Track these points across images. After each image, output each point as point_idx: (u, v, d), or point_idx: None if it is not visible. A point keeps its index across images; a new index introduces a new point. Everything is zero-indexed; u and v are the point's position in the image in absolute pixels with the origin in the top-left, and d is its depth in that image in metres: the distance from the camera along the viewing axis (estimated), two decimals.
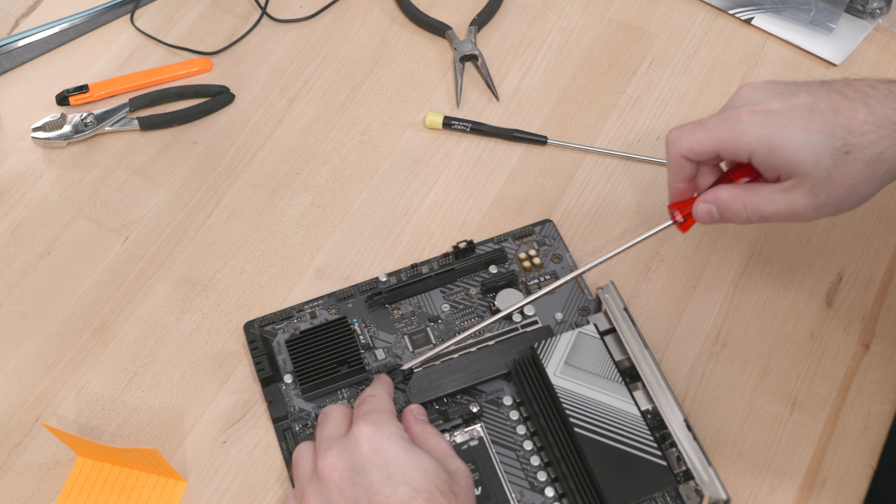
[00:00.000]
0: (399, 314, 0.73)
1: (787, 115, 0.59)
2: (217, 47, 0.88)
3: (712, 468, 0.61)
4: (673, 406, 0.64)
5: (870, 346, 0.71)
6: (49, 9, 0.91)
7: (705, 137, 0.62)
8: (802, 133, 0.59)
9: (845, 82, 0.61)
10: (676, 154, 0.64)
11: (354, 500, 0.58)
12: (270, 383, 0.71)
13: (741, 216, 0.63)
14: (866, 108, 0.59)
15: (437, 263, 0.75)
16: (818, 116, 0.59)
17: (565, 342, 0.67)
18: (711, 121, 0.63)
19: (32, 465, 0.69)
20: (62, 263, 0.77)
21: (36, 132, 0.83)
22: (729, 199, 0.63)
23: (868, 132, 0.58)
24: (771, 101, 0.61)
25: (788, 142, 0.59)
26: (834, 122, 0.59)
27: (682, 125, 0.64)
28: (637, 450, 0.63)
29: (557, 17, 0.89)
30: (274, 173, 0.81)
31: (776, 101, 0.60)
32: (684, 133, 0.63)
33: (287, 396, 0.70)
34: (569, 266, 0.75)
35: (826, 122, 0.59)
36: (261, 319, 0.73)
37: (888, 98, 0.59)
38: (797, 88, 0.61)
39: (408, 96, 0.85)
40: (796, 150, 0.59)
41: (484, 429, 0.68)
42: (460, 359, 0.70)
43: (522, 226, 0.77)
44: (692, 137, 0.63)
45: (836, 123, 0.59)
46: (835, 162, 0.58)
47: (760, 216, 0.62)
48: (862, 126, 0.58)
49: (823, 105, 0.59)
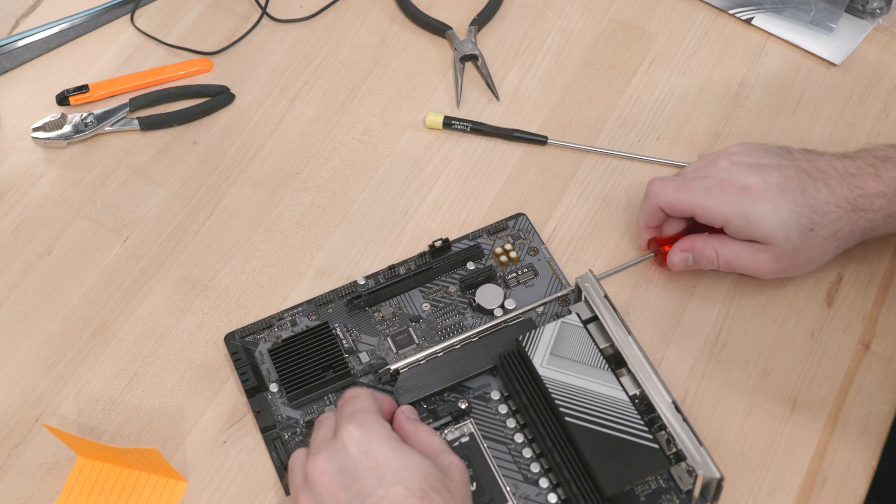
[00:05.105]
0: (380, 316, 0.73)
1: (762, 193, 0.68)
2: (217, 47, 0.88)
3: (704, 448, 0.62)
4: (660, 389, 0.64)
5: (870, 346, 0.71)
6: (49, 9, 0.91)
7: (687, 200, 0.70)
8: (775, 210, 0.67)
9: (808, 158, 0.70)
10: (655, 204, 0.71)
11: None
12: (256, 393, 0.70)
13: (713, 263, 0.71)
14: (828, 189, 0.68)
15: (414, 263, 0.75)
16: (788, 196, 0.68)
17: (549, 333, 0.67)
18: (694, 186, 0.70)
19: (32, 465, 0.69)
20: (62, 263, 0.78)
21: (36, 132, 0.83)
22: (703, 248, 0.71)
23: (829, 212, 0.68)
24: (748, 177, 0.69)
25: (763, 217, 0.68)
26: (802, 203, 0.68)
27: (665, 179, 0.71)
28: (628, 434, 0.63)
29: (557, 17, 0.89)
30: (274, 173, 0.81)
31: (753, 177, 0.69)
32: (668, 189, 0.70)
33: (274, 405, 0.70)
34: (545, 258, 0.75)
35: (795, 202, 0.68)
36: (241, 330, 0.73)
37: (843, 179, 0.68)
38: (769, 165, 0.69)
39: (408, 96, 0.85)
40: (768, 224, 0.68)
41: (474, 424, 0.68)
42: (445, 356, 0.70)
43: (495, 221, 0.77)
44: (675, 195, 0.70)
45: (804, 203, 0.68)
46: (800, 237, 0.68)
47: (728, 266, 0.71)
48: (824, 206, 0.68)
49: (793, 185, 0.68)
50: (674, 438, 0.63)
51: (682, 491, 0.65)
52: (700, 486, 0.62)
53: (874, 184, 0.68)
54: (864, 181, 0.68)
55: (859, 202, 0.68)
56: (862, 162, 0.70)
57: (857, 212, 0.68)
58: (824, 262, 0.71)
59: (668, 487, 0.65)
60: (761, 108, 0.83)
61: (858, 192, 0.68)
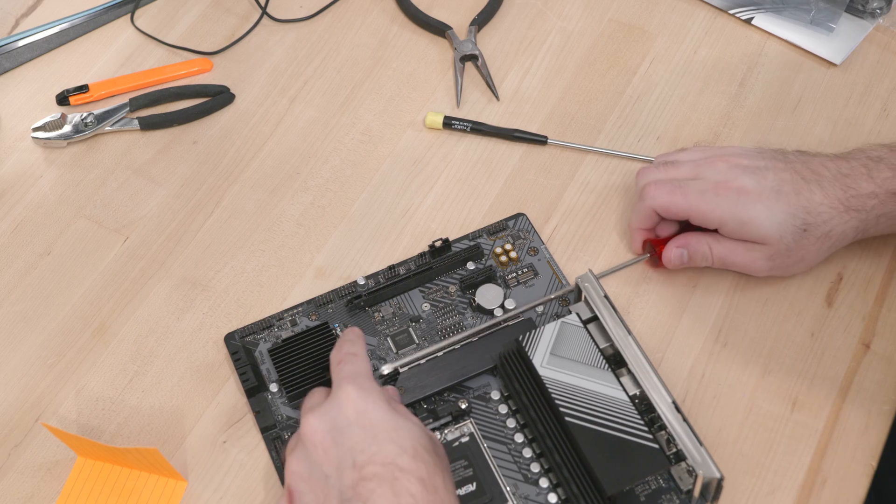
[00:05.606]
0: (380, 316, 0.73)
1: (757, 195, 0.69)
2: (217, 47, 0.88)
3: (704, 448, 0.62)
4: (660, 389, 0.64)
5: (870, 346, 0.71)
6: (49, 9, 0.91)
7: (682, 203, 0.70)
8: (769, 213, 0.68)
9: (802, 160, 0.71)
10: (650, 207, 0.72)
11: (338, 460, 0.58)
12: (256, 393, 0.70)
13: (707, 260, 0.72)
14: (821, 190, 0.69)
15: (414, 263, 0.75)
16: (783, 198, 0.68)
17: (549, 333, 0.67)
18: (690, 190, 0.70)
19: (33, 465, 0.69)
20: (62, 263, 0.78)
21: (36, 132, 0.83)
22: (697, 245, 0.72)
23: (822, 213, 0.69)
24: (743, 179, 0.69)
25: (757, 218, 0.68)
26: (796, 204, 0.68)
27: (659, 182, 0.71)
28: (628, 434, 0.63)
29: (557, 17, 0.89)
30: (274, 173, 0.81)
31: (748, 180, 0.69)
32: (663, 192, 0.71)
33: (274, 405, 0.70)
34: (545, 258, 0.75)
35: (790, 204, 0.68)
36: (241, 330, 0.73)
37: (837, 179, 0.69)
38: (764, 167, 0.70)
39: (408, 96, 0.85)
40: (763, 225, 0.69)
41: (474, 424, 0.68)
42: (445, 356, 0.70)
43: (495, 221, 0.77)
44: (670, 199, 0.71)
45: (798, 205, 0.68)
46: (794, 237, 0.69)
47: (722, 263, 0.72)
48: (818, 207, 0.69)
49: (787, 188, 0.69)
50: (674, 438, 0.63)
51: (682, 491, 0.65)
52: (700, 486, 0.62)
53: (867, 184, 0.69)
54: (857, 182, 0.69)
55: (852, 203, 0.69)
56: (855, 162, 0.70)
57: (849, 212, 0.69)
58: (817, 262, 0.72)
59: (668, 487, 0.65)
60: (761, 108, 0.83)
61: (851, 193, 0.69)
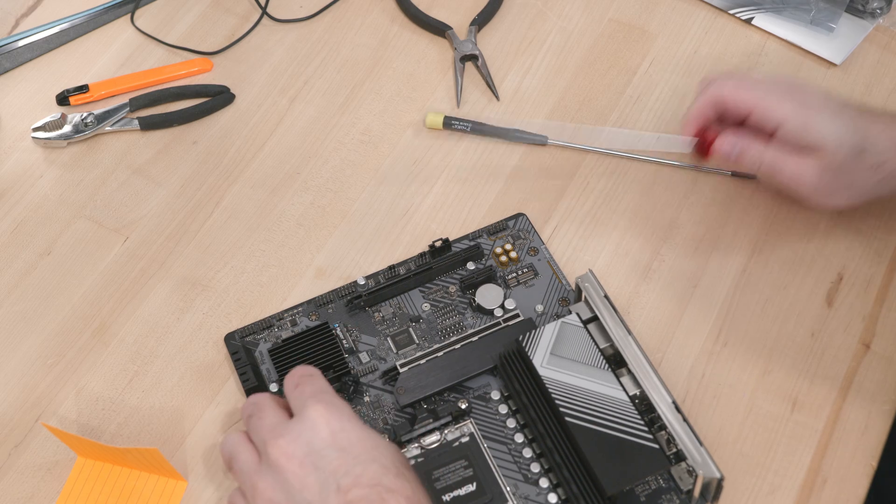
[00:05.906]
0: (380, 316, 0.73)
1: (824, 104, 0.69)
2: (217, 47, 0.88)
3: (704, 448, 0.62)
4: (660, 389, 0.64)
5: (870, 346, 0.71)
6: (49, 9, 0.91)
7: (749, 94, 0.69)
8: (833, 119, 0.68)
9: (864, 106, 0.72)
10: (716, 94, 0.70)
11: (319, 486, 0.56)
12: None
13: (755, 163, 0.70)
14: (882, 124, 0.69)
15: (414, 263, 0.75)
16: (846, 112, 0.69)
17: (549, 333, 0.67)
18: (758, 83, 0.70)
19: (32, 465, 0.69)
20: (62, 263, 0.78)
21: (36, 132, 0.83)
22: (750, 144, 0.70)
23: (880, 143, 0.69)
24: (813, 89, 0.70)
25: (821, 122, 0.68)
26: (858, 123, 0.69)
27: (729, 73, 0.71)
28: (628, 435, 0.63)
29: (557, 17, 0.89)
30: (274, 173, 0.81)
31: (817, 91, 0.70)
32: (732, 82, 0.70)
33: None
34: (545, 258, 0.75)
35: (853, 119, 0.68)
36: (241, 330, 0.73)
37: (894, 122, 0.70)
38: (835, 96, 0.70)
39: (408, 96, 0.85)
40: (824, 128, 0.67)
41: (474, 424, 0.68)
42: (445, 356, 0.70)
43: (495, 221, 0.77)
44: (738, 87, 0.70)
45: (861, 125, 0.68)
46: (850, 153, 0.68)
47: (771, 170, 0.70)
48: (878, 136, 0.69)
49: (852, 111, 0.69)
50: (674, 438, 0.63)
51: (682, 491, 0.65)
52: (700, 486, 0.62)
53: None
54: None
55: None
56: None
57: None
58: (860, 198, 0.71)
59: (669, 487, 0.65)
60: None
61: None
